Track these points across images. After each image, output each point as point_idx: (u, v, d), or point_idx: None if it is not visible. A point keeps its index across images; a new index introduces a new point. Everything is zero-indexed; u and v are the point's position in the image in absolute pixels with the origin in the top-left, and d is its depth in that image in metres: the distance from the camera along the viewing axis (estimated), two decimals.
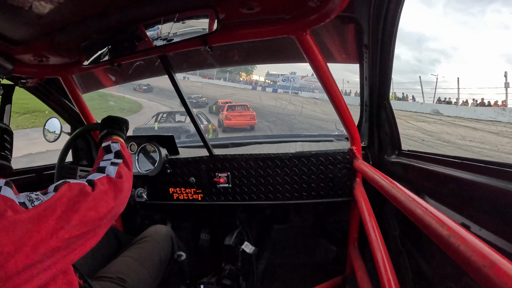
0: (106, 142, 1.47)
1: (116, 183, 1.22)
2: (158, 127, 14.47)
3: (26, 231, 0.83)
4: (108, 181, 1.19)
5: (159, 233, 1.94)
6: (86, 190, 1.06)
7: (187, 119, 14.36)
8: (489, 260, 0.61)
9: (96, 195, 1.08)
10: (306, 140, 2.87)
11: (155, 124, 14.86)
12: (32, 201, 0.90)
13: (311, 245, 3.09)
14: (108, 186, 1.17)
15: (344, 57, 2.28)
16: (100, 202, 1.09)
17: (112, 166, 1.28)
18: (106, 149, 1.42)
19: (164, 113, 16.61)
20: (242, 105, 21.18)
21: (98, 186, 1.12)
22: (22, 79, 1.93)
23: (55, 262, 0.90)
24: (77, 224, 0.97)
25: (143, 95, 31.74)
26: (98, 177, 1.17)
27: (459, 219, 1.14)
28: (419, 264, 1.57)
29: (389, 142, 2.02)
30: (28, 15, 1.25)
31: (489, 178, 1.03)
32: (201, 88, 34.36)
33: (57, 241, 0.90)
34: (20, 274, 0.81)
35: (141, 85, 32.99)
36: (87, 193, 1.05)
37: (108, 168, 1.27)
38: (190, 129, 12.84)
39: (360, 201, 1.88)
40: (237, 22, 1.53)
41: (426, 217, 0.89)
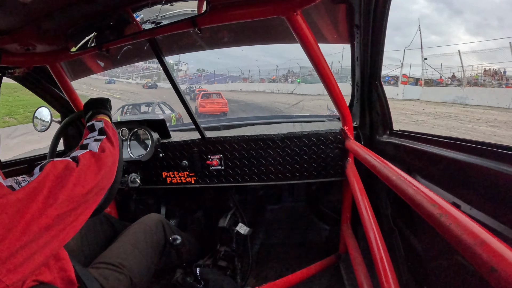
0: (89, 122, 1.49)
1: (100, 156, 1.23)
2: (121, 119, 14.05)
3: (16, 212, 0.84)
4: (91, 155, 1.20)
5: (150, 219, 1.97)
6: (70, 166, 1.07)
7: (151, 109, 15.61)
8: (479, 239, 0.62)
9: (80, 170, 1.09)
10: (297, 120, 2.87)
11: (118, 117, 13.43)
12: (19, 183, 0.91)
13: (304, 224, 3.13)
14: (91, 160, 1.18)
15: (335, 38, 2.26)
16: (85, 176, 1.10)
17: (95, 142, 1.30)
18: (90, 128, 1.44)
19: (129, 105, 17.13)
20: (216, 93, 23.36)
21: (82, 161, 1.13)
22: (9, 69, 1.88)
23: (47, 242, 0.91)
24: (65, 200, 0.98)
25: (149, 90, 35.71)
26: (81, 153, 1.18)
27: (450, 198, 1.16)
28: (411, 242, 1.60)
29: (381, 122, 2.03)
30: (12, 3, 1.21)
31: (480, 159, 1.04)
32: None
33: (47, 218, 0.91)
34: (14, 257, 0.81)
35: (148, 82, 38.20)
36: (72, 169, 1.07)
37: (91, 144, 1.28)
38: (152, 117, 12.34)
39: (352, 180, 1.90)
40: (226, 2, 1.50)
41: (418, 196, 0.90)
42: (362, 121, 2.25)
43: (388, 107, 1.98)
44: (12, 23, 1.42)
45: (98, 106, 1.62)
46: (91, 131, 1.42)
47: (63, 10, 1.40)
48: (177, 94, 2.10)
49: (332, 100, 1.99)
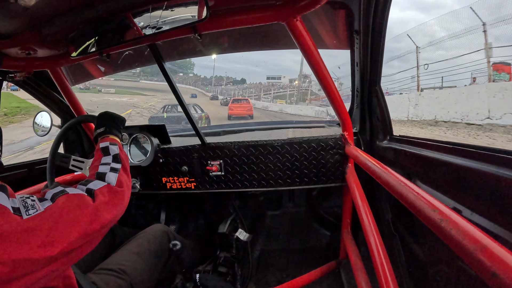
0: (103, 142, 1.41)
1: (117, 192, 1.17)
2: (167, 116, 17.80)
3: (19, 243, 0.79)
4: (109, 190, 1.14)
5: (155, 229, 1.96)
6: (86, 201, 1.01)
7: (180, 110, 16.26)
8: (481, 244, 0.62)
9: (96, 208, 1.03)
10: (297, 126, 2.87)
11: (164, 114, 18.13)
12: (27, 209, 0.85)
13: (304, 230, 3.11)
14: (109, 196, 1.12)
15: (335, 43, 2.27)
16: (101, 213, 1.04)
17: (112, 173, 1.22)
18: (104, 150, 1.36)
19: (169, 105, 19.53)
20: (245, 99, 27.34)
21: (99, 197, 1.07)
22: (10, 73, 1.89)
23: (52, 270, 0.87)
24: (78, 238, 0.93)
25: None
26: (99, 187, 1.11)
27: (451, 203, 1.15)
28: (412, 248, 1.60)
29: (381, 127, 2.03)
30: (14, 7, 1.21)
31: (480, 163, 1.04)
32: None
33: (54, 252, 0.86)
34: (15, 282, 0.78)
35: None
36: (88, 205, 1.01)
37: (109, 176, 1.20)
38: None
39: (353, 186, 1.89)
40: (226, 8, 1.51)
41: (418, 201, 0.90)
42: (362, 127, 2.25)
43: (388, 112, 1.98)
44: (14, 27, 1.43)
45: (113, 125, 1.55)
46: (104, 154, 1.34)
47: (64, 15, 1.41)
48: (177, 98, 2.10)
49: (332, 106, 1.99)
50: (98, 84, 52.81)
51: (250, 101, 27.30)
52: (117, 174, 1.22)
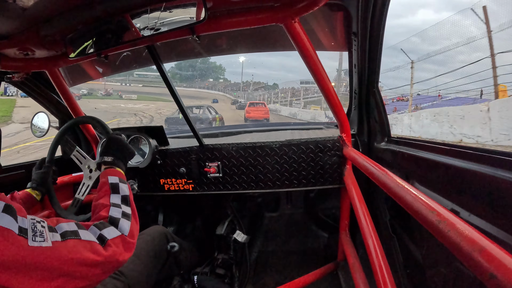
0: (112, 176, 1.35)
1: (130, 244, 1.14)
2: (182, 117, 17.45)
3: (20, 274, 0.78)
4: (122, 241, 1.10)
5: (154, 230, 1.96)
6: (97, 252, 0.98)
7: (201, 111, 19.41)
8: (478, 245, 0.62)
9: (107, 259, 1.01)
10: (296, 128, 2.88)
11: (179, 115, 17.78)
12: (35, 234, 0.83)
13: (303, 232, 3.11)
14: (122, 247, 1.09)
15: (333, 45, 2.28)
16: (110, 264, 1.03)
17: (125, 220, 1.18)
18: (113, 187, 1.31)
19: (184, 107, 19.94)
20: (261, 102, 28.28)
21: (112, 248, 1.04)
22: (7, 74, 1.89)
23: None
24: (82, 277, 0.92)
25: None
26: (113, 236, 1.08)
27: (449, 205, 1.16)
28: (410, 249, 1.60)
29: (379, 129, 2.03)
30: (12, 7, 1.21)
31: (478, 165, 1.04)
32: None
33: (52, 286, 0.84)
34: None
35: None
36: (98, 255, 0.98)
37: (122, 223, 1.15)
38: (202, 118, 18.05)
39: (351, 188, 1.89)
40: (224, 10, 1.51)
41: (416, 203, 0.90)
42: (360, 128, 2.26)
43: (385, 114, 1.99)
44: (12, 27, 1.42)
45: (121, 156, 1.52)
46: (113, 191, 1.29)
47: (62, 16, 1.41)
48: (175, 100, 2.10)
49: (330, 107, 2.00)
50: (122, 91, 54.02)
51: (279, 106, 28.90)
52: (130, 222, 1.19)
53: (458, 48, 17.61)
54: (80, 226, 0.99)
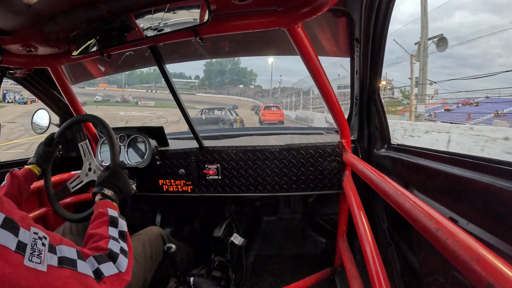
0: (112, 209, 1.34)
1: (123, 282, 1.12)
2: (205, 117, 19.97)
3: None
4: (117, 279, 1.09)
5: (150, 232, 1.95)
6: (90, 287, 0.96)
7: (223, 113, 20.55)
8: (476, 254, 0.62)
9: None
10: (296, 132, 2.88)
11: (203, 116, 20.21)
12: (33, 253, 0.82)
13: (300, 237, 3.11)
14: (117, 286, 1.08)
15: (335, 51, 2.29)
16: None
17: (123, 256, 1.17)
18: (113, 220, 1.29)
19: (206, 109, 21.97)
20: (276, 106, 28.94)
21: (107, 285, 1.03)
22: (10, 69, 1.89)
23: None
24: None
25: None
26: (110, 274, 1.06)
27: (447, 213, 1.16)
28: (407, 257, 1.60)
29: (379, 135, 2.03)
30: (17, 4, 1.22)
31: (478, 173, 1.04)
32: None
33: None
34: None
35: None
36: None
37: (120, 260, 1.14)
38: (224, 119, 18.95)
39: (349, 194, 1.89)
40: (228, 13, 1.51)
41: (415, 210, 0.90)
42: (360, 134, 2.26)
43: (386, 121, 1.99)
44: (16, 23, 1.43)
45: (120, 193, 1.52)
46: (111, 225, 1.27)
47: (66, 14, 1.41)
48: (177, 102, 2.10)
49: (330, 113, 2.00)
50: (144, 97, 54.81)
51: (311, 113, 28.83)
52: (127, 259, 1.18)
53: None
54: (79, 256, 0.97)
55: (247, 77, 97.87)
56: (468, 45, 18.03)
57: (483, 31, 18.16)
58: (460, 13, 16.88)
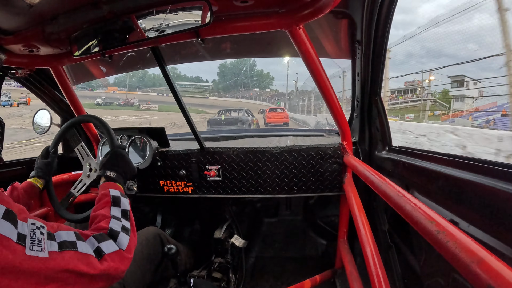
0: (114, 189, 1.35)
1: (126, 259, 1.13)
2: (224, 118, 20.51)
3: (16, 279, 0.78)
4: (118, 256, 1.09)
5: (148, 231, 1.94)
6: (92, 265, 0.98)
7: (240, 114, 21.34)
8: (477, 256, 0.62)
9: (103, 272, 1.00)
10: (297, 134, 2.88)
11: (222, 116, 20.96)
12: (33, 242, 0.84)
13: (301, 239, 3.11)
14: (119, 262, 1.08)
15: (336, 52, 2.29)
16: (105, 277, 1.03)
17: (124, 234, 1.17)
18: (114, 200, 1.30)
19: (223, 110, 23.01)
20: (280, 108, 29.72)
21: (108, 262, 1.04)
22: (11, 69, 1.90)
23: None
24: (74, 284, 0.91)
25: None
26: (111, 251, 1.07)
27: (448, 215, 1.15)
28: (408, 259, 1.59)
29: (380, 138, 2.03)
30: (19, 4, 1.22)
31: (479, 176, 1.04)
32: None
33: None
34: None
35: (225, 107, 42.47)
36: (94, 268, 0.98)
37: (121, 237, 1.15)
38: (243, 119, 19.51)
39: (350, 196, 1.89)
40: (230, 14, 1.51)
41: (415, 213, 0.90)
42: (361, 136, 2.26)
43: (387, 123, 1.99)
44: (18, 24, 1.43)
45: (123, 173, 1.53)
46: (114, 204, 1.28)
47: (68, 14, 1.42)
48: (178, 103, 2.10)
49: (332, 115, 2.00)
50: (151, 101, 53.96)
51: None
52: (129, 237, 1.19)
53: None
54: (78, 237, 0.99)
55: (264, 80, 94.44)
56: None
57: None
58: (479, 15, 15.16)
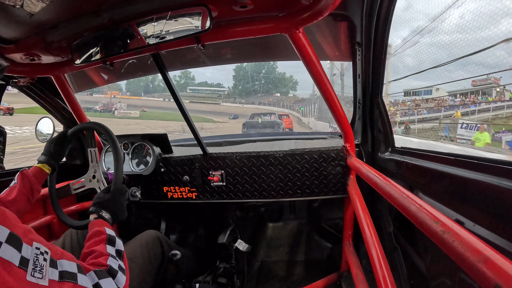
0: (110, 229, 1.34)
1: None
2: (261, 121, 21.45)
3: None
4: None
5: (147, 235, 1.95)
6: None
7: (271, 117, 22.29)
8: (483, 256, 0.61)
9: None
10: (299, 137, 2.88)
11: (259, 119, 21.80)
12: (35, 268, 0.84)
13: (305, 242, 3.10)
14: None
15: (337, 55, 2.29)
16: None
17: (122, 274, 1.17)
18: (110, 238, 1.29)
19: (255, 114, 23.84)
20: (285, 114, 30.75)
21: None
22: (13, 78, 1.91)
23: None
24: None
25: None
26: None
27: (453, 215, 1.15)
28: (414, 260, 1.58)
29: (382, 139, 2.03)
30: (20, 13, 1.23)
31: (483, 175, 1.03)
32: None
33: None
34: None
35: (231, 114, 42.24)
36: None
37: (119, 277, 1.15)
38: (278, 123, 20.77)
39: (354, 198, 1.89)
40: (229, 20, 1.52)
41: (420, 213, 0.90)
42: (364, 138, 2.25)
43: (390, 124, 1.98)
44: (18, 33, 1.45)
45: (116, 217, 1.51)
46: (109, 243, 1.27)
47: (68, 23, 1.43)
48: (180, 109, 2.10)
49: (334, 117, 2.00)
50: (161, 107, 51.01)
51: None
52: (125, 277, 1.19)
53: None
54: (80, 269, 0.99)
55: (286, 84, 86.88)
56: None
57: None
58: (509, 19, 14.56)
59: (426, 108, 30.07)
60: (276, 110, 47.39)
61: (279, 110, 46.61)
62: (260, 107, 58.96)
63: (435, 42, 19.77)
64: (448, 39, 17.69)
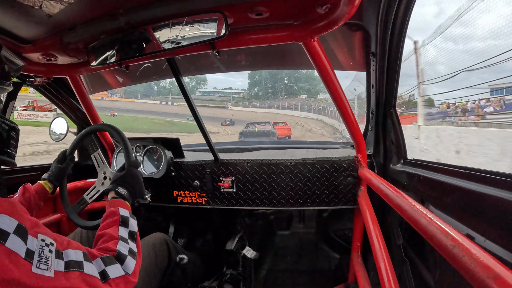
0: (124, 209, 1.35)
1: (130, 283, 1.13)
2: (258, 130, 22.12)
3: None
4: (123, 281, 1.09)
5: (155, 237, 1.95)
6: (96, 287, 0.98)
7: (265, 126, 23.08)
8: (493, 272, 0.60)
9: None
10: (311, 147, 2.87)
11: (256, 128, 22.37)
12: (40, 260, 0.85)
13: (313, 252, 3.08)
14: (123, 286, 1.09)
15: (351, 65, 2.29)
16: None
17: (131, 258, 1.17)
18: (123, 220, 1.29)
19: (250, 123, 24.75)
20: (283, 122, 30.84)
21: (112, 286, 1.04)
22: (30, 77, 1.95)
23: None
24: None
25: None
26: (116, 276, 1.07)
27: (464, 229, 1.13)
28: (422, 274, 1.56)
29: (395, 150, 2.01)
30: (38, 14, 1.26)
31: (495, 189, 1.02)
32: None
33: None
34: None
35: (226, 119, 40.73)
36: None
37: (128, 262, 1.15)
38: (274, 132, 21.30)
39: (364, 209, 1.87)
40: (245, 27, 1.53)
41: (431, 227, 0.88)
42: (376, 149, 2.23)
43: (402, 136, 1.97)
44: (37, 33, 1.48)
45: (134, 193, 1.55)
46: (122, 224, 1.27)
47: (86, 25, 1.46)
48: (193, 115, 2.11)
49: (346, 127, 1.99)
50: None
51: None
52: (135, 261, 1.19)
53: None
54: (86, 257, 0.99)
55: (317, 84, 68.86)
56: None
57: None
58: None
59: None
60: (299, 114, 44.24)
61: (303, 114, 43.55)
62: (277, 111, 51.84)
63: None
64: None
